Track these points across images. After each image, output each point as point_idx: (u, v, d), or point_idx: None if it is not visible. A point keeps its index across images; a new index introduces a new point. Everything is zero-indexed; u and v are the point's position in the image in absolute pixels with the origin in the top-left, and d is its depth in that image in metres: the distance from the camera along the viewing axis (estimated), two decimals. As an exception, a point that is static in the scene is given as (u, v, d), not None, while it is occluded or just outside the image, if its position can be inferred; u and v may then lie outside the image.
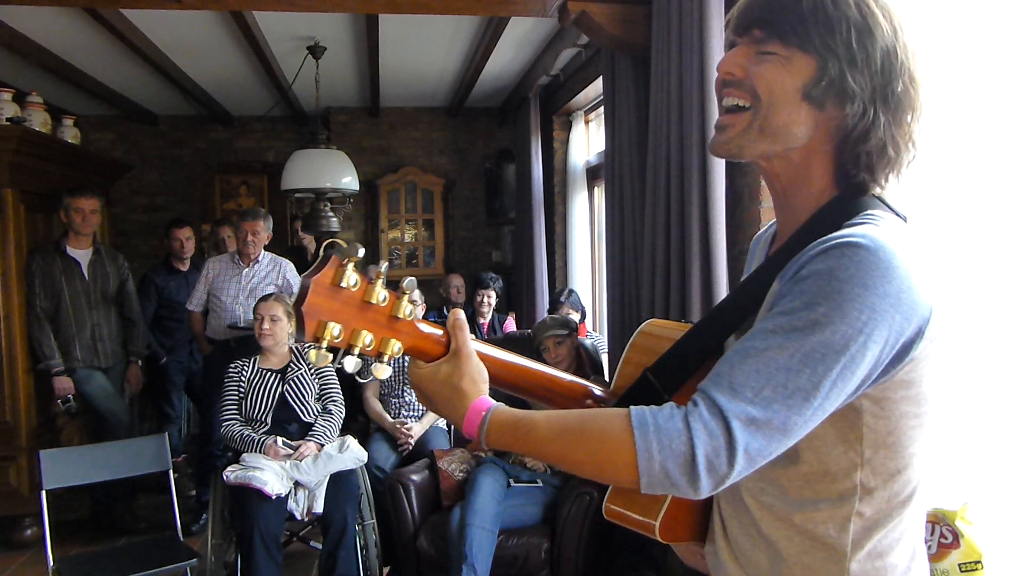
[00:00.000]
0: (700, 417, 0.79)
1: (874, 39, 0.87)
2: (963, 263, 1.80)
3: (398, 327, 0.90)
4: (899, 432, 0.87)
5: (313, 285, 0.85)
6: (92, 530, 4.02)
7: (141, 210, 6.34)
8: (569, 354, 3.17)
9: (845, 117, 0.88)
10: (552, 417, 0.88)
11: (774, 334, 0.81)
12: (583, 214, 5.11)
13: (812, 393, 0.79)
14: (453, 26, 4.14)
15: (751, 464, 0.80)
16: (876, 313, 0.79)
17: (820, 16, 0.87)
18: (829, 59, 0.87)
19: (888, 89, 0.88)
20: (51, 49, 4.23)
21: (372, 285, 0.88)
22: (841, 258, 0.80)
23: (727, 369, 0.82)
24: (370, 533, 3.22)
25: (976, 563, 1.63)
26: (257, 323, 3.26)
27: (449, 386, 0.92)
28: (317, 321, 0.85)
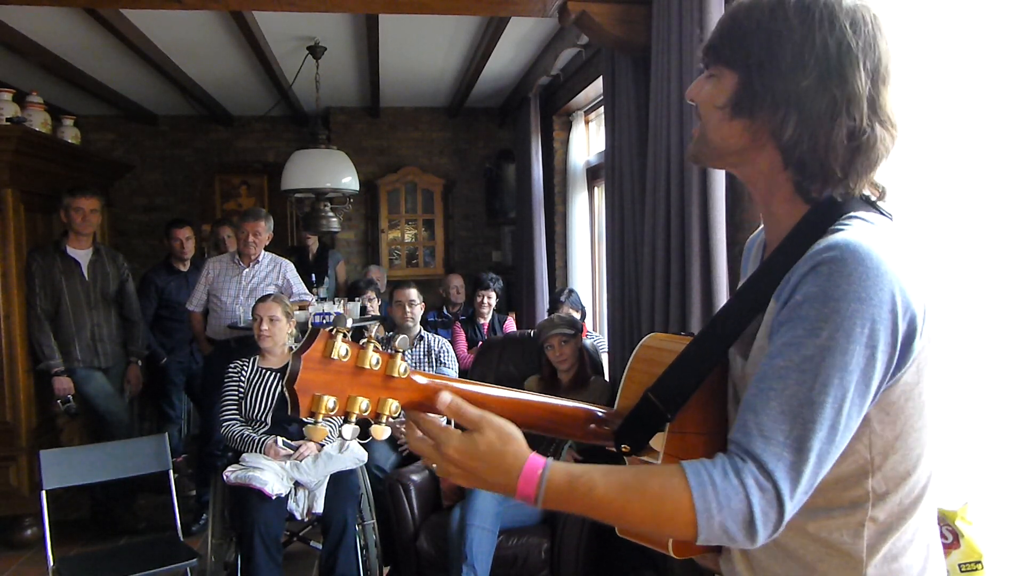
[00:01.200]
0: (750, 472, 0.81)
1: (783, 41, 0.88)
2: (963, 261, 1.80)
3: (393, 386, 0.90)
4: (906, 435, 0.88)
5: (304, 362, 0.85)
6: (92, 530, 4.02)
7: (141, 210, 6.35)
8: (573, 354, 3.17)
9: (774, 126, 0.90)
10: (610, 474, 0.86)
11: (787, 369, 0.82)
12: (583, 214, 5.11)
13: (838, 419, 0.81)
14: (453, 26, 4.14)
15: (800, 503, 0.82)
16: (877, 323, 0.81)
17: (737, 31, 0.92)
18: (744, 70, 0.90)
19: (801, 89, 0.87)
20: (51, 49, 4.23)
21: (364, 350, 0.88)
22: (831, 276, 0.81)
23: (753, 417, 0.83)
24: (370, 533, 3.22)
25: (976, 563, 1.63)
26: (256, 324, 3.26)
27: (492, 455, 0.87)
28: (311, 396, 0.85)
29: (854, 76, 0.87)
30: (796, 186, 0.93)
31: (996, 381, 1.75)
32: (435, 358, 3.87)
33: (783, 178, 0.94)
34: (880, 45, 0.89)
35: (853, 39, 0.87)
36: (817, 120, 0.87)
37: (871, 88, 0.88)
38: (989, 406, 1.76)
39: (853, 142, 0.88)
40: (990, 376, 1.76)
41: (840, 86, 0.87)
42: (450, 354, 3.93)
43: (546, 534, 2.94)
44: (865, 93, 0.88)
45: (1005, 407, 1.73)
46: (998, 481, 1.75)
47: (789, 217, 0.95)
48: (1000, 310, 1.73)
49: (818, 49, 0.87)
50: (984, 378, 1.77)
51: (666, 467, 0.86)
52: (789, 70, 0.88)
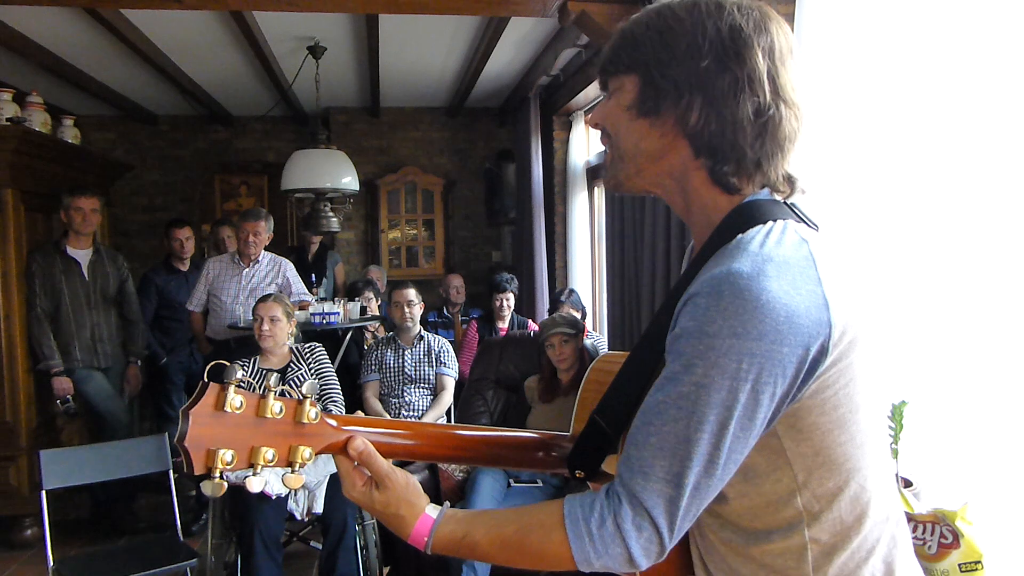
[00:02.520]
0: (626, 516, 0.83)
1: (675, 33, 0.88)
2: (964, 262, 1.80)
3: (305, 432, 0.89)
4: (828, 450, 0.86)
5: (192, 417, 0.83)
6: (92, 530, 4.02)
7: (141, 210, 6.35)
8: (573, 353, 3.17)
9: (679, 115, 0.89)
10: (491, 531, 0.92)
11: (665, 405, 0.82)
12: (583, 214, 5.11)
13: (715, 454, 0.81)
14: (453, 26, 4.14)
15: (681, 533, 0.84)
16: (756, 357, 0.78)
17: (628, 39, 0.93)
18: (644, 68, 0.91)
19: (701, 71, 0.87)
20: (51, 49, 4.23)
21: (264, 399, 0.87)
22: (707, 310, 0.80)
23: (635, 452, 0.84)
24: (370, 533, 3.22)
25: (976, 563, 1.63)
26: (256, 324, 3.26)
27: (388, 513, 0.95)
28: (205, 451, 0.84)
29: (750, 54, 0.87)
30: (711, 174, 0.91)
31: (996, 381, 1.75)
32: (435, 358, 3.87)
33: (697, 173, 0.92)
34: (771, 29, 0.89)
35: (743, 21, 0.88)
36: (721, 98, 0.87)
37: (770, 66, 0.88)
38: (988, 406, 1.76)
39: (760, 119, 0.87)
40: (990, 376, 1.76)
41: (738, 64, 0.87)
42: (450, 354, 3.93)
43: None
44: (765, 70, 0.87)
45: (1004, 407, 1.73)
46: (998, 481, 1.75)
47: (708, 222, 0.93)
48: (1000, 310, 1.73)
49: (710, 33, 0.87)
50: (984, 378, 1.77)
51: (548, 518, 0.88)
52: (686, 56, 0.88)
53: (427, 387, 3.84)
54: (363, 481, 0.95)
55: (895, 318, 1.96)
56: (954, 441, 1.81)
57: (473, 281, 6.25)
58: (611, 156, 0.98)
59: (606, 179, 1.00)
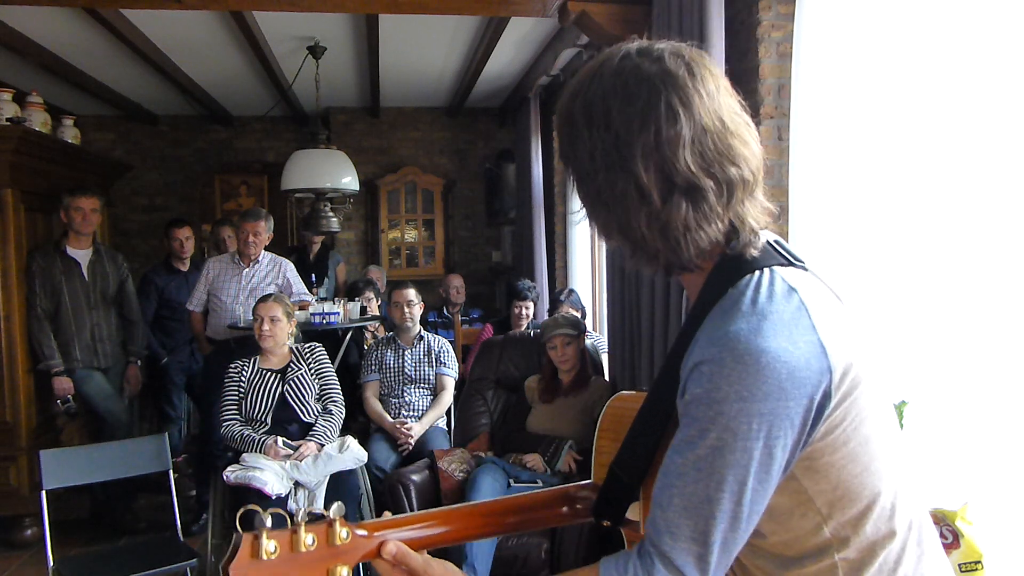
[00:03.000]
0: (660, 574, 0.86)
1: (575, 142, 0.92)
2: (964, 262, 1.80)
3: (339, 551, 0.92)
4: (845, 484, 0.89)
5: (233, 572, 0.85)
6: (92, 530, 4.01)
7: (141, 210, 6.35)
8: (575, 354, 3.17)
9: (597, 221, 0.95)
10: None
11: (685, 467, 0.85)
12: (583, 214, 5.10)
13: (738, 510, 0.84)
14: (453, 26, 4.14)
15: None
16: (765, 416, 0.82)
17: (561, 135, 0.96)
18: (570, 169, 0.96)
19: (595, 182, 0.90)
20: (51, 49, 4.24)
21: (295, 534, 0.89)
22: (712, 377, 0.83)
23: (660, 513, 0.87)
24: (370, 533, 3.22)
25: (976, 563, 1.63)
26: (257, 324, 3.26)
27: None
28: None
29: (634, 165, 0.86)
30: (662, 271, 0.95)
31: (996, 381, 1.75)
32: (435, 358, 3.87)
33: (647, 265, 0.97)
34: (659, 112, 0.86)
35: (624, 126, 0.87)
36: (619, 210, 0.90)
37: (657, 165, 0.86)
38: (989, 406, 1.76)
39: (656, 224, 0.88)
40: (990, 376, 1.76)
41: (625, 178, 0.87)
42: (450, 354, 3.93)
43: (546, 534, 2.94)
44: (652, 174, 0.86)
45: (1005, 407, 1.73)
46: (998, 481, 1.75)
47: (691, 283, 0.97)
48: (999, 311, 1.73)
49: (599, 146, 0.89)
50: (984, 378, 1.77)
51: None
52: (588, 172, 0.91)
53: (427, 387, 3.84)
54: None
55: (895, 319, 1.96)
56: (954, 441, 1.81)
57: (473, 281, 6.25)
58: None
59: None
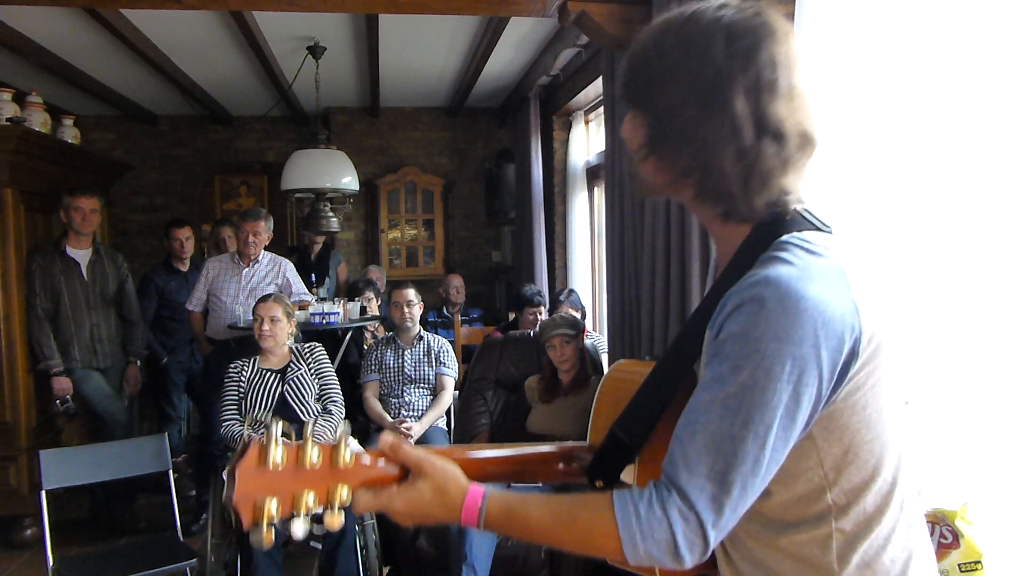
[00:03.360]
0: (674, 504, 0.85)
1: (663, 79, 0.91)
2: (965, 262, 1.80)
3: (340, 473, 0.91)
4: (856, 448, 0.90)
5: (239, 476, 0.86)
6: (92, 530, 4.02)
7: (141, 210, 6.35)
8: (574, 354, 3.17)
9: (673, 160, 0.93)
10: (544, 507, 0.92)
11: (712, 404, 0.85)
12: (583, 214, 5.11)
13: (760, 453, 0.84)
14: (453, 26, 4.14)
15: (725, 531, 0.86)
16: (798, 360, 0.83)
17: (635, 72, 0.96)
18: (644, 111, 0.95)
19: (685, 121, 0.90)
20: (51, 49, 4.23)
21: (302, 449, 0.89)
22: (751, 315, 0.84)
23: (680, 449, 0.87)
24: (370, 533, 3.22)
25: (976, 563, 1.63)
26: (257, 324, 3.26)
27: (438, 496, 0.93)
28: (252, 505, 0.85)
29: (732, 98, 0.88)
30: (719, 217, 0.96)
31: (996, 381, 1.75)
32: (435, 358, 3.87)
33: (702, 211, 0.98)
34: (761, 56, 0.89)
35: (726, 62, 0.89)
36: (704, 147, 0.90)
37: (753, 103, 0.89)
38: (988, 406, 1.76)
39: (741, 162, 0.89)
40: (990, 377, 1.76)
41: (720, 112, 0.89)
42: (450, 354, 3.93)
43: (546, 534, 2.94)
44: (747, 111, 0.88)
45: (1004, 407, 1.73)
46: (998, 481, 1.75)
47: (729, 240, 0.98)
48: (999, 311, 1.73)
49: (695, 79, 0.89)
50: (984, 379, 1.77)
51: (596, 498, 0.91)
52: (676, 106, 0.91)
53: (427, 387, 3.84)
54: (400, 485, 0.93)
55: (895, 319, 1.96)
56: (954, 441, 1.81)
57: (473, 281, 6.25)
58: (633, 171, 1.02)
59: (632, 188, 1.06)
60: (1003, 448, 1.74)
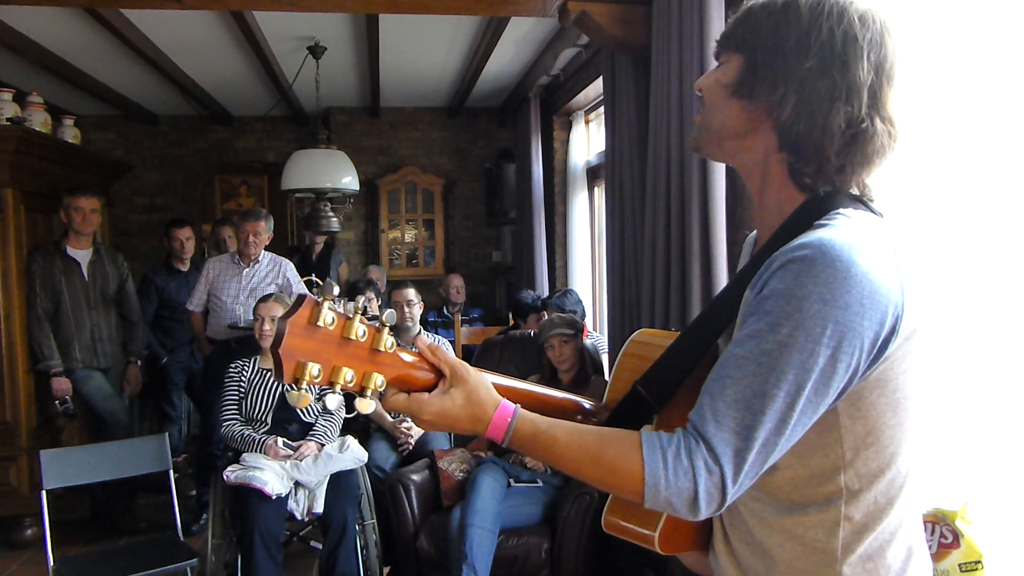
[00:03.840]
0: (701, 455, 0.84)
1: (790, 26, 0.90)
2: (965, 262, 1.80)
3: (380, 360, 0.90)
4: (878, 431, 0.89)
5: (289, 327, 0.84)
6: (92, 530, 4.02)
7: (141, 210, 6.35)
8: (573, 354, 3.17)
9: (772, 106, 0.91)
10: (572, 434, 0.91)
11: (746, 360, 0.84)
12: (583, 214, 5.11)
13: (788, 413, 0.83)
14: (453, 26, 4.14)
15: (742, 489, 0.85)
16: (840, 325, 0.81)
17: (749, 21, 0.94)
18: (751, 52, 0.93)
19: (803, 70, 0.89)
20: (51, 49, 4.23)
21: (351, 321, 0.88)
22: (799, 275, 0.82)
23: (709, 401, 0.86)
24: (370, 533, 3.22)
25: (976, 563, 1.63)
26: (257, 324, 3.26)
27: (469, 405, 0.92)
28: (296, 362, 0.84)
29: (856, 65, 0.88)
30: (790, 170, 0.93)
31: (996, 381, 1.75)
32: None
33: (778, 163, 0.94)
34: (887, 44, 0.90)
35: (860, 31, 0.89)
36: (816, 101, 0.89)
37: (874, 80, 0.89)
38: (989, 406, 1.76)
39: (850, 129, 0.89)
40: (990, 376, 1.76)
41: (842, 72, 0.88)
42: (450, 354, 3.92)
43: (546, 534, 2.94)
44: (867, 83, 0.88)
45: (1005, 407, 1.73)
46: (998, 481, 1.75)
47: (779, 210, 0.96)
48: (999, 310, 1.73)
49: (823, 35, 0.88)
50: (984, 378, 1.77)
51: (625, 437, 0.89)
52: (792, 52, 0.89)
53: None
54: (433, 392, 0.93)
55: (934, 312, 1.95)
56: (954, 441, 1.81)
57: (473, 281, 6.25)
58: (700, 121, 1.00)
59: (690, 139, 1.03)
60: (1003, 448, 1.74)
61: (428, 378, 0.94)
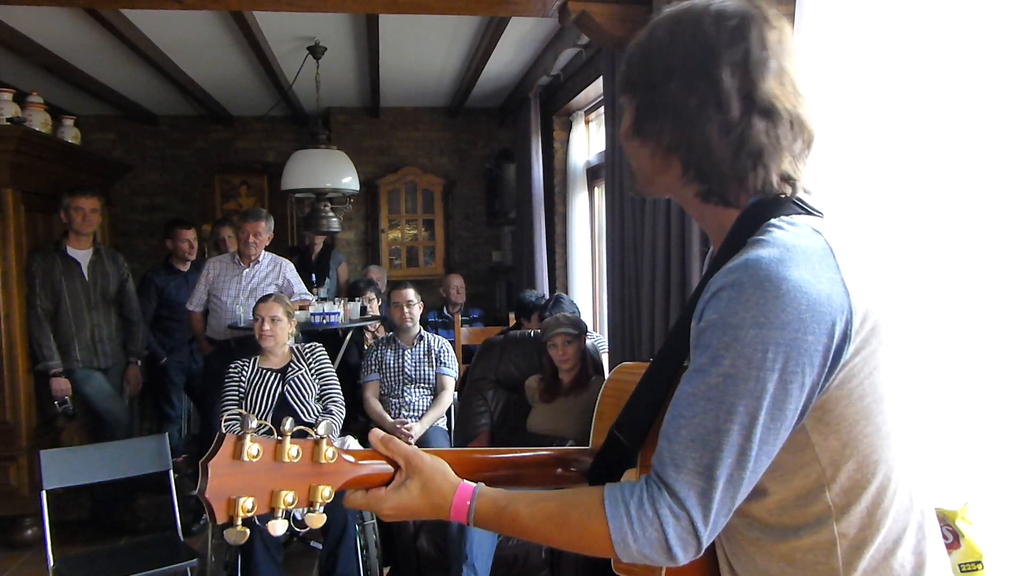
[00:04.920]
0: (664, 502, 0.82)
1: (654, 55, 0.92)
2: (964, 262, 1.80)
3: (323, 471, 0.90)
4: (854, 442, 0.86)
5: (211, 469, 0.83)
6: (92, 530, 4.01)
7: (141, 210, 6.35)
8: (576, 354, 3.17)
9: (658, 134, 0.92)
10: (535, 504, 0.90)
11: (695, 397, 0.82)
12: (583, 214, 5.11)
13: (746, 445, 0.81)
14: (453, 26, 4.14)
15: (718, 528, 0.83)
16: (781, 346, 0.79)
17: (630, 61, 0.96)
18: (633, 92, 0.95)
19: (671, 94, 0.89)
20: (51, 49, 4.23)
21: (280, 444, 0.87)
22: (730, 302, 0.80)
23: (667, 445, 0.84)
24: (370, 533, 3.22)
25: (976, 563, 1.63)
26: (257, 324, 3.26)
27: (427, 494, 0.92)
28: (226, 500, 0.84)
29: (717, 71, 0.87)
30: (699, 193, 0.93)
31: (996, 381, 1.75)
32: (435, 358, 3.87)
33: (689, 191, 0.94)
34: (751, 36, 0.88)
35: (715, 36, 0.88)
36: (689, 120, 0.89)
37: (741, 80, 0.87)
38: (988, 406, 1.76)
39: (729, 135, 0.87)
40: (990, 376, 1.76)
41: (706, 83, 0.87)
42: (450, 354, 3.93)
43: (546, 534, 2.94)
44: (734, 86, 0.87)
45: (1004, 407, 1.73)
46: (998, 481, 1.75)
47: (720, 228, 0.95)
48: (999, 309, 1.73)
49: (681, 52, 0.89)
50: (984, 378, 1.77)
51: (588, 497, 0.88)
52: (660, 80, 0.90)
53: (427, 387, 3.84)
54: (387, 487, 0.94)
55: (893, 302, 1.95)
56: (954, 441, 1.81)
57: (473, 281, 6.25)
58: (630, 167, 1.03)
59: (627, 186, 1.06)
60: (1003, 448, 1.74)
61: (385, 472, 0.94)
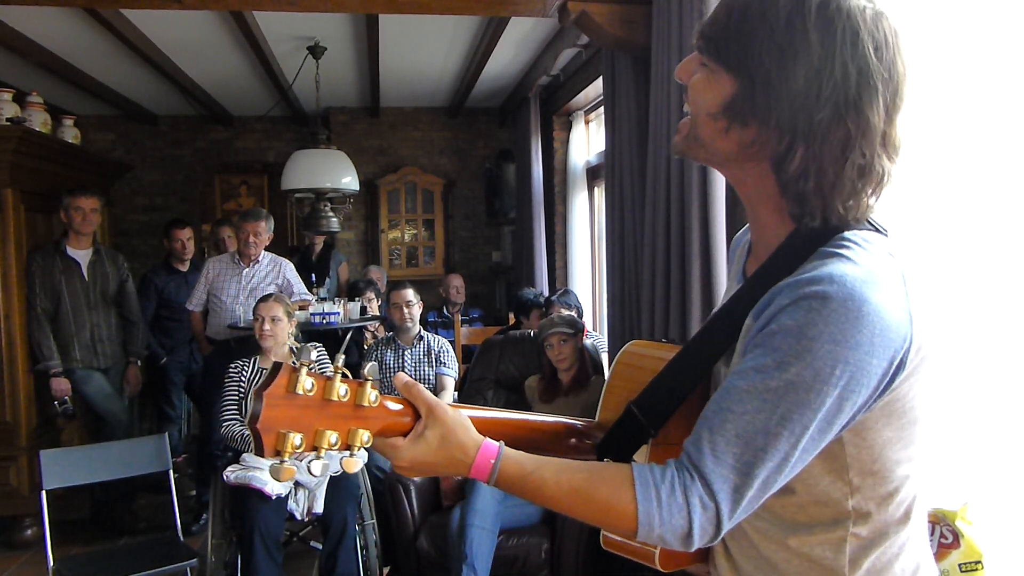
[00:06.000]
0: (696, 491, 0.82)
1: (796, 57, 0.81)
2: (963, 263, 1.80)
3: (364, 415, 0.87)
4: (884, 459, 0.87)
5: (266, 399, 0.81)
6: (92, 530, 4.02)
7: (141, 210, 6.35)
8: (572, 353, 3.17)
9: (773, 147, 0.84)
10: (561, 473, 0.88)
11: (749, 394, 0.81)
12: (583, 214, 5.11)
13: (791, 452, 0.81)
14: (453, 26, 4.14)
15: (736, 522, 0.84)
16: (850, 366, 0.78)
17: (743, 33, 0.83)
18: (747, 79, 0.83)
19: (811, 116, 0.81)
20: (51, 49, 4.24)
21: (331, 381, 0.85)
22: (810, 312, 0.79)
23: (708, 435, 0.83)
24: (370, 533, 3.22)
25: (976, 563, 1.63)
26: (257, 324, 3.26)
27: (446, 447, 0.88)
28: (275, 434, 0.81)
29: (871, 107, 0.81)
30: (790, 212, 0.88)
31: (996, 381, 1.75)
32: (435, 358, 3.87)
33: (774, 194, 0.88)
34: (898, 68, 0.83)
35: (876, 65, 0.81)
36: (828, 156, 0.82)
37: (885, 121, 0.83)
38: (988, 407, 1.76)
39: (862, 179, 0.83)
40: (990, 376, 1.76)
41: (856, 119, 0.81)
42: (450, 354, 3.93)
43: (546, 534, 2.94)
44: (880, 127, 0.82)
45: (1004, 407, 1.73)
46: (998, 481, 1.75)
47: (777, 227, 0.91)
48: (1000, 310, 1.73)
49: (836, 76, 0.80)
50: (984, 379, 1.77)
51: (617, 474, 0.86)
52: (802, 96, 0.81)
53: (427, 387, 3.83)
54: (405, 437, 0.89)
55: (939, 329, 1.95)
56: (954, 441, 1.81)
57: (473, 281, 6.25)
58: (687, 129, 0.91)
59: (675, 141, 0.94)
60: (1003, 448, 1.74)
61: (407, 422, 0.91)
